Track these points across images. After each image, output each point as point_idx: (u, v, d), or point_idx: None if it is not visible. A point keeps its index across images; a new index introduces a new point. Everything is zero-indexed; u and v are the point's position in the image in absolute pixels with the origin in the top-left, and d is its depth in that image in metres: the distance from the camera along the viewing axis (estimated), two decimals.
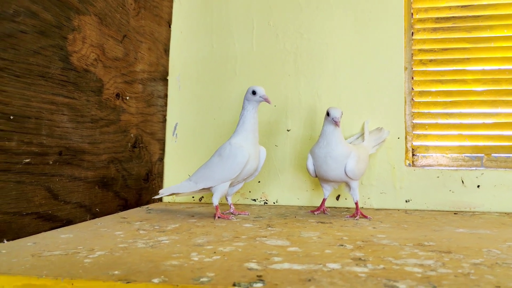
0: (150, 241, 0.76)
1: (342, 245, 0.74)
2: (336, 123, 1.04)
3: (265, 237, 0.81)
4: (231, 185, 1.07)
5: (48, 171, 0.86)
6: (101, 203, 1.04)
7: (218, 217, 1.03)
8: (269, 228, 0.90)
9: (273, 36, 1.37)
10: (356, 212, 1.08)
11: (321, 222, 0.99)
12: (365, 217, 1.07)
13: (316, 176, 1.13)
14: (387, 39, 1.31)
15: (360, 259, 0.65)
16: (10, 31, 0.75)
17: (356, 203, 1.10)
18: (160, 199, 1.38)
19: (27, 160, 0.80)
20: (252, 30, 1.38)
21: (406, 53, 1.32)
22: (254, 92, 1.03)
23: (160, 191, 1.10)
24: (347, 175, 1.06)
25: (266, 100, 1.04)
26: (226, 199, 1.12)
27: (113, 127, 1.09)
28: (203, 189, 1.06)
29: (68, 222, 0.93)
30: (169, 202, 1.37)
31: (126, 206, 1.16)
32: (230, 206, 1.11)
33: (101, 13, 1.02)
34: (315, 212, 1.14)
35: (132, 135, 1.18)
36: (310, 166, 1.11)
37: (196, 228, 0.90)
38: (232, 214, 1.09)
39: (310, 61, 1.34)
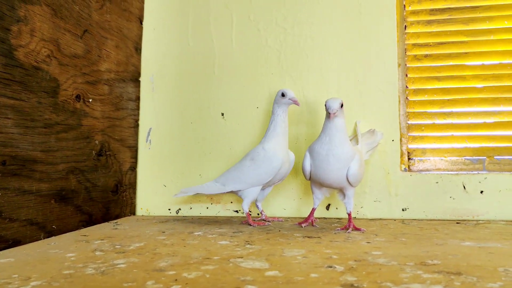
0: (103, 266, 0.64)
1: (331, 267, 0.62)
2: (329, 115, 0.93)
3: (241, 257, 0.69)
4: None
5: None
6: (59, 219, 0.92)
7: (252, 225, 1.03)
8: (248, 246, 0.78)
9: (255, 31, 1.25)
10: (349, 224, 0.96)
11: (308, 237, 0.87)
12: (358, 229, 0.95)
13: (310, 179, 1.01)
14: (379, 33, 1.20)
15: (352, 285, 0.53)
16: None
17: (349, 214, 0.99)
18: (133, 213, 1.25)
19: None
20: (231, 25, 1.26)
21: (399, 48, 1.21)
22: (283, 94, 1.04)
23: (182, 190, 1.09)
24: (348, 179, 0.95)
25: (295, 102, 1.04)
26: (257, 206, 1.11)
27: (72, 132, 0.96)
28: (231, 192, 1.06)
29: (16, 242, 0.80)
30: (142, 215, 1.25)
31: (90, 221, 1.03)
32: (261, 213, 1.11)
33: (55, 3, 0.90)
34: (302, 225, 1.02)
35: (97, 141, 1.06)
36: (307, 166, 0.98)
37: (163, 247, 0.78)
38: (265, 221, 1.09)
39: (295, 58, 1.23)
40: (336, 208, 1.17)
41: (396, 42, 1.20)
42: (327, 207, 1.18)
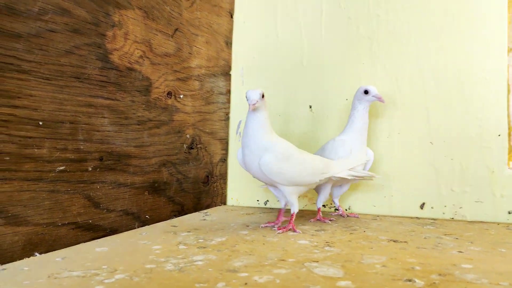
0: (182, 262, 0.67)
1: (410, 280, 0.58)
2: (249, 106, 0.88)
3: (317, 261, 0.67)
4: (337, 184, 1.06)
5: (87, 178, 0.81)
6: (152, 209, 0.98)
7: (318, 220, 1.02)
8: (326, 248, 0.76)
9: (345, 19, 1.20)
10: (286, 226, 0.91)
11: (394, 241, 0.82)
12: (294, 231, 0.89)
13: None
14: (485, 14, 1.08)
15: None
16: (36, 31, 0.70)
17: (292, 215, 0.92)
18: (224, 202, 1.29)
19: (61, 168, 0.75)
20: (320, 14, 1.22)
21: (511, 31, 1.08)
22: (366, 92, 1.02)
23: None
24: (262, 171, 0.87)
25: (380, 99, 1.02)
26: (333, 201, 1.11)
27: (164, 128, 1.02)
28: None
29: (113, 231, 0.87)
30: (232, 205, 1.28)
31: (182, 211, 1.09)
32: (338, 208, 1.10)
33: (147, 6, 0.94)
34: (272, 225, 0.97)
35: (188, 135, 1.10)
36: (239, 159, 0.95)
37: (243, 243, 0.79)
38: (341, 215, 1.09)
39: (389, 46, 1.15)
40: (432, 208, 1.09)
41: (506, 23, 1.06)
42: (422, 206, 1.10)
